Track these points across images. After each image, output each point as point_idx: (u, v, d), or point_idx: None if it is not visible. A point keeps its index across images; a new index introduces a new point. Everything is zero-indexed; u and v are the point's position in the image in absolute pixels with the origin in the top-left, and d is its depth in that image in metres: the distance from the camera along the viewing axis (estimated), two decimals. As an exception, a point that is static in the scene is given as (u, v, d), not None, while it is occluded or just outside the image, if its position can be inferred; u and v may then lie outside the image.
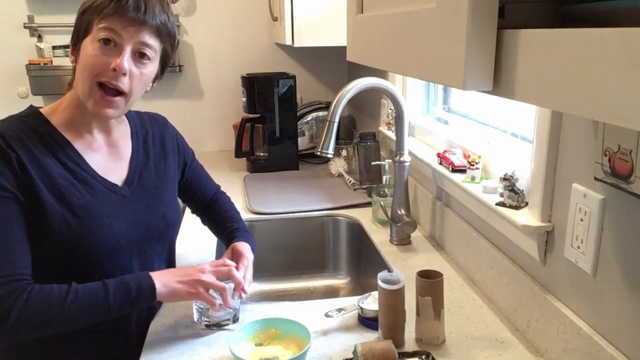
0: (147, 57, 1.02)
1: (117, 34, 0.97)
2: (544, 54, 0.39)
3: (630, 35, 0.30)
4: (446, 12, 0.48)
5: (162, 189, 1.17)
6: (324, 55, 2.54)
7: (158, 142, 1.22)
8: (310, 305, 1.16)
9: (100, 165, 1.06)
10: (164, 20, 1.02)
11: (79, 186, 1.01)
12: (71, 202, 0.99)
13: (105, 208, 1.03)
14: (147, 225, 1.10)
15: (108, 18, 0.96)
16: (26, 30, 2.33)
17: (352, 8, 0.87)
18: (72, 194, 0.99)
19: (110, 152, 1.10)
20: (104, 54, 0.97)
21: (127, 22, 0.97)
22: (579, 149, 0.85)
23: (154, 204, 1.13)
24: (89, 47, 0.98)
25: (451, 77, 0.48)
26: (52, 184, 0.98)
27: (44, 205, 0.96)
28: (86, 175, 1.03)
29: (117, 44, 0.97)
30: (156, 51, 1.03)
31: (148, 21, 0.98)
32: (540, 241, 0.96)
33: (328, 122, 1.29)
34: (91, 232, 0.99)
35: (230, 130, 2.52)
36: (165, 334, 1.06)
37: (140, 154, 1.16)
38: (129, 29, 0.97)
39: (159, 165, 1.19)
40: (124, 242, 1.04)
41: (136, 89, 1.02)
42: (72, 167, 1.02)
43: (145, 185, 1.13)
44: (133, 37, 0.98)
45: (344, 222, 1.70)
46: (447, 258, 1.37)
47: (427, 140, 1.63)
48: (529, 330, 1.00)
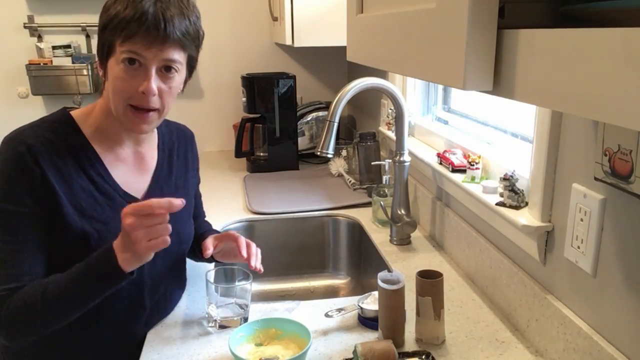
0: (174, 70, 1.00)
1: (140, 55, 0.95)
2: (543, 54, 0.39)
3: (630, 35, 0.30)
4: (446, 12, 0.48)
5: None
6: (324, 55, 2.53)
7: (182, 157, 1.21)
8: (311, 305, 1.16)
9: (123, 177, 1.06)
10: (185, 28, 0.98)
11: (101, 199, 1.01)
12: (92, 217, 0.99)
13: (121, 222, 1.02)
14: None
15: (129, 40, 0.94)
16: (26, 30, 2.33)
17: (352, 8, 0.87)
18: (93, 208, 0.99)
19: (135, 163, 1.10)
20: (130, 75, 0.96)
21: (149, 42, 0.94)
22: (579, 149, 0.85)
23: (170, 220, 1.09)
24: (115, 69, 0.97)
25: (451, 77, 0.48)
26: (75, 197, 0.98)
27: (65, 218, 0.95)
28: (109, 189, 1.03)
29: (141, 63, 0.96)
30: (182, 63, 1.01)
31: (170, 37, 0.95)
32: (540, 241, 0.96)
33: (328, 122, 1.29)
34: (105, 242, 0.96)
35: (230, 130, 2.52)
36: (165, 334, 1.06)
37: (164, 167, 1.15)
38: (151, 50, 0.94)
39: (179, 181, 1.18)
40: None
41: (168, 102, 1.01)
42: (96, 180, 1.01)
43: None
44: (157, 55, 0.95)
45: (344, 222, 1.70)
46: (447, 258, 1.37)
47: (427, 140, 1.63)
48: (529, 330, 1.00)
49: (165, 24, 0.94)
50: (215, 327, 1.07)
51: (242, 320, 1.08)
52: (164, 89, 0.99)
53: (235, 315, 1.08)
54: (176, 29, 0.96)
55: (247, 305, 1.09)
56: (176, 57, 0.98)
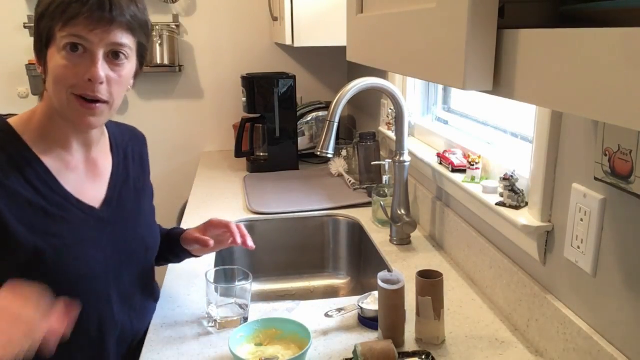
0: (123, 57, 0.91)
1: (84, 39, 0.86)
2: (544, 54, 0.39)
3: (630, 35, 0.30)
4: (446, 12, 0.48)
5: (141, 210, 1.10)
6: (324, 55, 2.53)
7: (137, 158, 1.12)
8: (311, 305, 1.16)
9: (75, 186, 0.97)
10: (133, 12, 0.91)
11: (52, 212, 0.92)
12: (44, 232, 0.90)
13: (79, 234, 0.95)
14: (126, 249, 1.02)
15: (71, 23, 0.85)
16: (26, 30, 2.32)
17: (352, 8, 0.87)
18: (43, 222, 0.90)
19: (87, 169, 1.01)
20: (74, 63, 0.87)
21: (93, 23, 0.86)
22: (579, 149, 0.85)
23: (133, 227, 1.05)
24: (56, 57, 0.88)
25: (451, 77, 0.48)
26: (22, 212, 0.88)
27: (14, 236, 0.87)
28: (60, 200, 0.93)
29: (86, 49, 0.87)
30: (131, 48, 0.93)
31: (117, 18, 0.87)
32: (540, 241, 0.96)
33: (328, 122, 1.29)
34: (63, 262, 0.91)
35: (230, 130, 2.52)
36: (165, 334, 1.06)
37: (121, 171, 1.07)
38: (96, 32, 0.86)
39: (138, 184, 1.10)
40: (100, 270, 0.97)
41: (117, 93, 0.93)
42: (44, 192, 0.92)
43: (124, 205, 1.04)
44: (103, 39, 0.87)
45: (344, 222, 1.70)
46: (447, 258, 1.37)
47: (427, 140, 1.63)
48: (529, 330, 1.00)
49: (111, 5, 0.87)
50: (215, 327, 1.07)
51: (242, 320, 1.08)
52: (112, 78, 0.90)
53: (235, 315, 1.08)
54: (124, 10, 0.89)
55: (247, 305, 1.09)
56: (125, 41, 0.90)
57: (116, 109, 0.96)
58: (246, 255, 1.63)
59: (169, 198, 2.39)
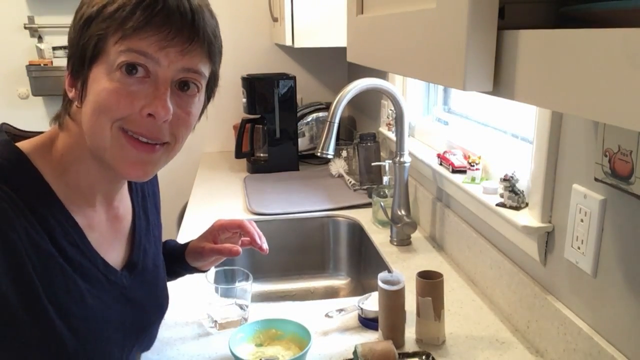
0: (195, 88, 0.69)
1: (151, 59, 0.63)
2: (544, 54, 0.39)
3: (630, 35, 0.30)
4: (446, 12, 0.48)
5: (159, 265, 0.90)
6: (324, 55, 2.54)
7: (151, 195, 0.91)
8: (311, 305, 1.16)
9: (100, 245, 0.74)
10: (213, 28, 0.70)
11: (80, 283, 0.69)
12: (71, 313, 0.67)
13: (103, 310, 0.73)
14: (142, 321, 0.84)
15: (136, 34, 0.62)
16: (26, 31, 2.33)
17: (352, 8, 0.87)
18: (72, 299, 0.67)
19: (109, 224, 0.78)
20: (129, 90, 0.64)
21: (168, 37, 0.63)
22: (579, 150, 0.85)
23: (152, 291, 0.85)
24: (103, 80, 0.64)
25: (451, 77, 0.48)
26: (52, 286, 0.64)
27: (42, 319, 0.63)
28: (89, 266, 0.71)
29: (149, 72, 0.64)
30: (205, 78, 0.71)
31: (200, 33, 0.65)
32: (541, 242, 0.96)
33: (328, 122, 1.29)
34: (85, 346, 0.69)
35: (230, 131, 2.52)
36: (165, 334, 1.06)
37: (142, 219, 0.85)
38: (168, 51, 0.63)
39: (155, 230, 0.89)
40: (116, 350, 0.77)
41: (182, 136, 0.71)
42: (72, 255, 0.68)
43: (147, 265, 0.84)
44: (176, 61, 0.65)
45: (344, 223, 1.70)
46: (448, 259, 1.37)
47: (427, 140, 1.63)
48: (529, 331, 1.00)
49: (193, 14, 0.64)
50: (216, 328, 1.07)
51: (243, 321, 1.08)
52: (180, 115, 0.68)
53: (236, 316, 1.08)
54: (207, 25, 0.67)
55: (247, 306, 1.09)
56: (201, 69, 0.68)
57: (175, 155, 0.73)
58: (246, 255, 1.62)
59: (169, 199, 2.39)
